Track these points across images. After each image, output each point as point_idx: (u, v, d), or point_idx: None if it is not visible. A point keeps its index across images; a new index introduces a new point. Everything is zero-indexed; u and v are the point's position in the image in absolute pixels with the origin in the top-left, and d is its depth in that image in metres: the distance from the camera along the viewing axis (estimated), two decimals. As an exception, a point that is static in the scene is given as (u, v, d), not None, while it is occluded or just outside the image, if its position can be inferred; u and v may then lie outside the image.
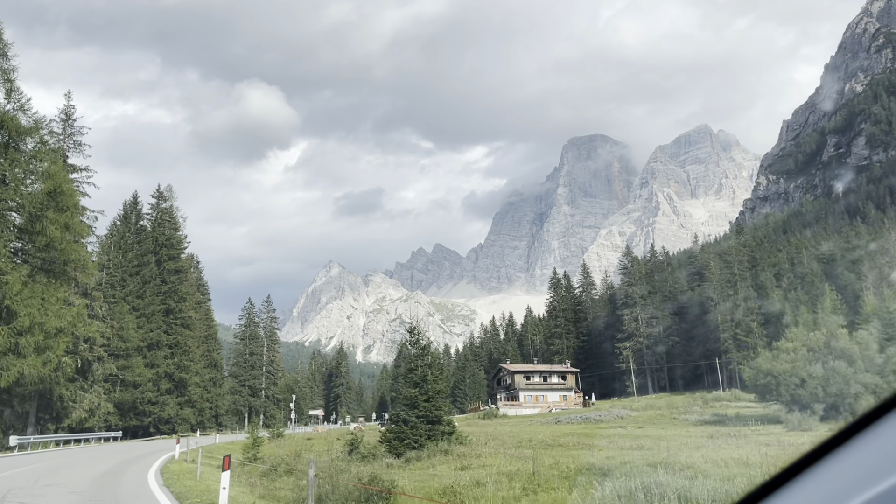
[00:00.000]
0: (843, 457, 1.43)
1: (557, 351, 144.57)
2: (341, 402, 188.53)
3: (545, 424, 53.41)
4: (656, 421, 51.96)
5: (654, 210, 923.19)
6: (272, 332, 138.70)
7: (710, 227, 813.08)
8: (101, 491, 18.29)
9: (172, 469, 25.80)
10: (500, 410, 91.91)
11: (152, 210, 76.24)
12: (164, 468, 26.20)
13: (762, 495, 1.38)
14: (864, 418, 1.41)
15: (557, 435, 38.72)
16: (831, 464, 1.45)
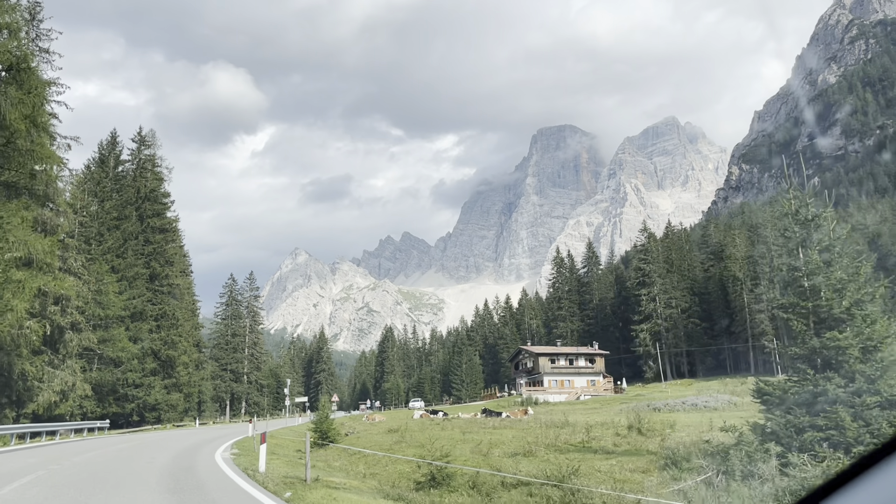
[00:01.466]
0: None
1: (560, 335, 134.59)
2: (322, 388, 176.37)
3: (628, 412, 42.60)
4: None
5: (622, 201, 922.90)
6: (255, 312, 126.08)
7: (677, 218, 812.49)
8: None
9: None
10: (525, 396, 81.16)
11: (132, 157, 63.54)
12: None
13: (823, 495, 1.40)
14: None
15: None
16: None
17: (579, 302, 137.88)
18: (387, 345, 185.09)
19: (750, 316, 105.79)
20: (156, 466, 17.67)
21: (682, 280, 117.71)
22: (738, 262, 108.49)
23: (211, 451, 23.81)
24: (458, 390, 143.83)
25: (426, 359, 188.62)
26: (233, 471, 16.67)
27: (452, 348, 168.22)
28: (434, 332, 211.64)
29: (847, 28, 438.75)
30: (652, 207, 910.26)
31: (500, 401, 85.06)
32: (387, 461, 21.52)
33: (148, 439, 33.58)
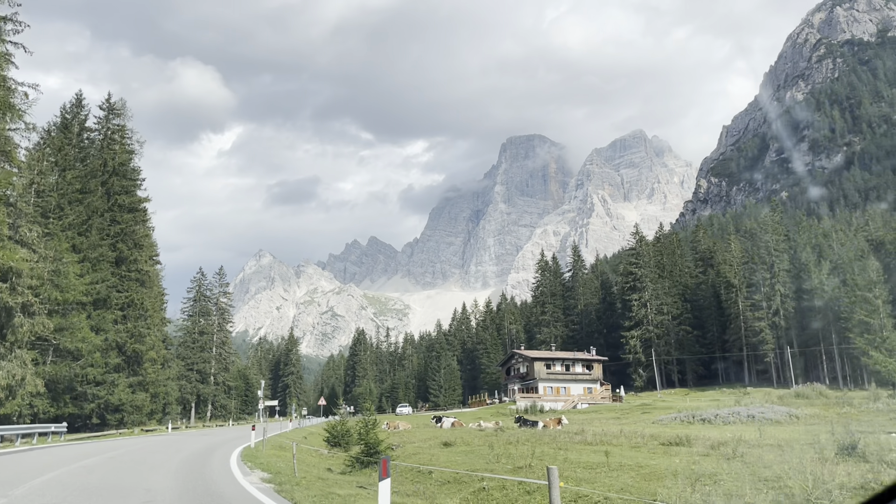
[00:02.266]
0: None
1: (544, 340, 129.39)
2: (290, 392, 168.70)
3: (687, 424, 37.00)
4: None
5: (589, 211, 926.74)
6: (224, 310, 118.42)
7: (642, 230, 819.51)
8: None
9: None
10: (524, 404, 75.43)
11: (100, 127, 56.25)
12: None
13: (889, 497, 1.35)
14: None
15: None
16: None
17: (564, 307, 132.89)
18: (359, 348, 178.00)
19: (745, 324, 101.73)
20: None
21: (674, 286, 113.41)
22: (733, 269, 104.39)
23: (236, 473, 17.42)
24: (436, 396, 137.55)
25: (399, 363, 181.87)
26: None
27: (429, 353, 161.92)
28: (408, 335, 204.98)
29: (815, 47, 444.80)
30: (618, 219, 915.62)
31: (492, 408, 79.18)
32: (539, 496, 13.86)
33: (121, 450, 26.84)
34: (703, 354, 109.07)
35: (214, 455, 22.79)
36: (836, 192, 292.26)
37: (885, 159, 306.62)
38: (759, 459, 15.74)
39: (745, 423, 33.68)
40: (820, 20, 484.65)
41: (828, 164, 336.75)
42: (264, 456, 23.39)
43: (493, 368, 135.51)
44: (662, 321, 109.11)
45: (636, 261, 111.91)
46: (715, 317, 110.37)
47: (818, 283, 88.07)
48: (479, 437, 28.84)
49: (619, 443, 22.13)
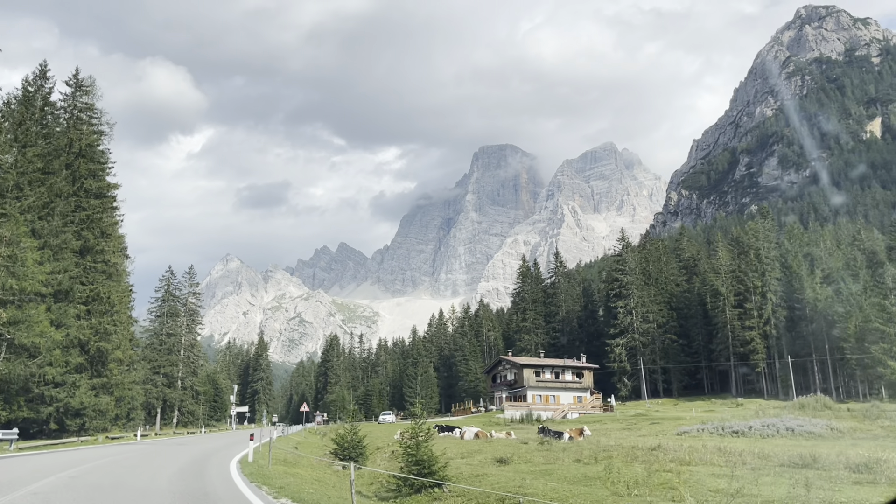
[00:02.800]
0: None
1: (525, 348, 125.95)
2: (259, 398, 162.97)
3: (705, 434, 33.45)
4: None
5: (559, 222, 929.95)
6: (194, 311, 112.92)
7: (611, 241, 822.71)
8: None
9: None
10: (520, 413, 71.59)
11: (66, 104, 51.29)
12: None
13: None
14: None
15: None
16: None
17: (545, 314, 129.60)
18: (331, 353, 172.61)
19: (733, 333, 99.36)
20: None
21: (660, 293, 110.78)
22: (721, 277, 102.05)
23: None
24: (412, 404, 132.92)
25: (373, 370, 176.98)
26: None
27: (404, 359, 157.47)
28: (382, 342, 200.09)
29: (784, 64, 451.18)
30: (588, 230, 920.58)
31: (479, 417, 75.23)
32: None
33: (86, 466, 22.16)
34: (690, 364, 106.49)
35: (210, 472, 18.65)
36: (806, 206, 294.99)
37: (853, 175, 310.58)
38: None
39: (788, 437, 30.30)
40: (789, 38, 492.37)
41: (797, 179, 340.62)
42: (276, 475, 19.14)
43: (471, 376, 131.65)
44: (648, 329, 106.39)
45: (622, 267, 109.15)
46: (701, 326, 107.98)
47: (811, 293, 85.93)
48: (526, 451, 24.87)
49: (712, 461, 18.43)
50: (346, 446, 23.52)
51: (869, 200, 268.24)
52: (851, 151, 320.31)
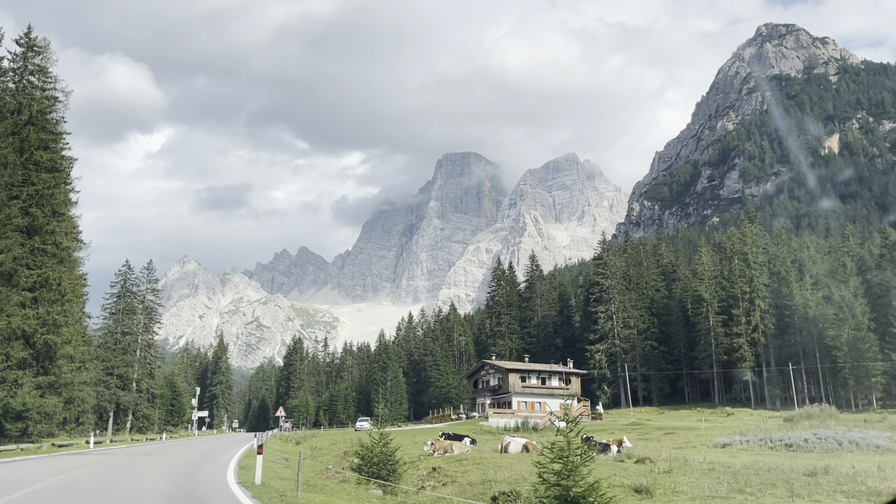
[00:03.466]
0: None
1: (500, 353, 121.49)
2: (218, 403, 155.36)
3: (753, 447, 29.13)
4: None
5: (521, 231, 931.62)
6: (152, 309, 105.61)
7: (571, 251, 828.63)
8: None
9: None
10: (490, 420, 66.87)
11: (14, 65, 45.02)
12: None
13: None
14: None
15: None
16: None
17: (520, 318, 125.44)
18: (294, 357, 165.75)
19: (716, 340, 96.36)
20: None
21: (641, 299, 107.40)
22: (705, 282, 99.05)
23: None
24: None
25: (338, 374, 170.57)
26: None
27: (372, 364, 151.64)
28: (347, 346, 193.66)
29: (745, 80, 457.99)
30: (549, 239, 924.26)
31: (460, 425, 70.25)
32: None
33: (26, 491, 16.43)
34: (671, 372, 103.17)
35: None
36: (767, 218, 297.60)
37: (813, 189, 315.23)
38: None
39: (866, 452, 26.13)
40: (750, 54, 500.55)
41: (757, 192, 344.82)
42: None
43: (442, 381, 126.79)
44: (629, 335, 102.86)
45: (603, 271, 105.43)
46: (682, 333, 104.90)
47: (800, 299, 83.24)
48: (624, 471, 19.93)
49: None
50: (375, 461, 18.34)
51: (830, 213, 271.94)
52: (811, 166, 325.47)
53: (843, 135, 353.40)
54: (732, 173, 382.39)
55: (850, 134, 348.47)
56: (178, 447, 41.96)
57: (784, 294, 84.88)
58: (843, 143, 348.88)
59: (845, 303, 76.53)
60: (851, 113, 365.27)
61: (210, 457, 30.58)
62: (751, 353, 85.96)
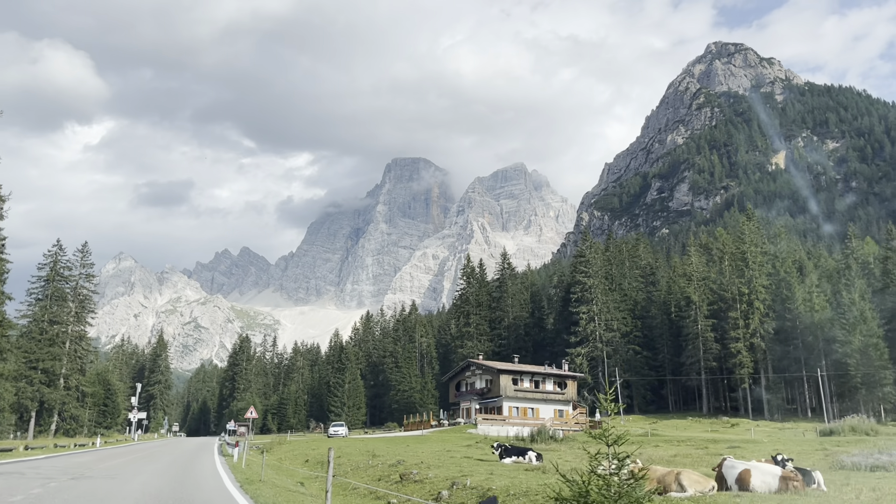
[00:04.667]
0: None
1: (468, 355, 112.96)
2: (156, 404, 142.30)
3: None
4: None
5: (468, 238, 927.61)
6: (86, 298, 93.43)
7: (517, 259, 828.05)
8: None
9: None
10: (479, 427, 58.19)
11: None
12: None
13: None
14: None
15: None
16: None
17: (490, 319, 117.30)
18: (240, 357, 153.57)
19: (704, 346, 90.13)
20: None
21: (624, 300, 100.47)
22: (694, 284, 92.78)
23: None
24: (338, 415, 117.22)
25: (287, 376, 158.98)
26: None
27: (326, 365, 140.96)
28: (299, 346, 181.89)
29: (695, 95, 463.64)
30: (495, 247, 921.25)
31: (446, 432, 61.21)
32: None
33: None
34: (654, 378, 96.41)
35: None
36: (713, 230, 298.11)
37: (763, 204, 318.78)
38: None
39: None
40: (700, 71, 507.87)
41: (706, 205, 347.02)
42: None
43: (405, 385, 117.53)
44: (612, 338, 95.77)
45: (585, 269, 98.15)
46: (667, 337, 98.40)
47: (803, 302, 77.33)
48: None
49: None
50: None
51: (781, 226, 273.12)
52: (759, 181, 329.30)
53: (789, 152, 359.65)
54: (682, 186, 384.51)
55: (796, 151, 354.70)
56: (122, 459, 31.85)
57: (785, 296, 78.92)
58: (789, 160, 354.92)
59: (856, 306, 70.89)
60: (797, 131, 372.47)
61: (186, 481, 20.93)
62: (749, 358, 79.58)
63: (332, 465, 13.56)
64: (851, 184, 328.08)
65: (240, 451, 29.05)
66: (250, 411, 43.58)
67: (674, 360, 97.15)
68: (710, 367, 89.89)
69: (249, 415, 43.06)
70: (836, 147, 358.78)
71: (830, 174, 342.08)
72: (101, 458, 33.68)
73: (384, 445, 43.03)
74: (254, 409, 43.64)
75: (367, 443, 44.67)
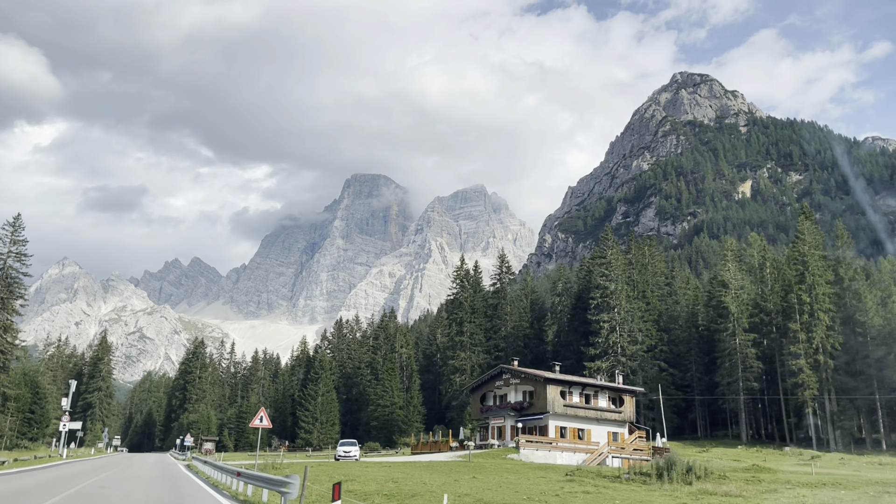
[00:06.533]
0: None
1: (460, 368, 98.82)
2: (94, 414, 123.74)
3: None
4: None
5: (426, 257, 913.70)
6: (14, 281, 76.39)
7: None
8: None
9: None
10: (523, 451, 44.02)
11: None
12: None
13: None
14: None
15: None
16: None
17: (486, 328, 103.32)
18: (194, 364, 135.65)
19: (743, 363, 77.82)
20: None
21: (649, 310, 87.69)
22: (732, 293, 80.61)
23: None
24: (309, 432, 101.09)
25: (246, 387, 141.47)
26: None
27: (292, 376, 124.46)
28: (261, 355, 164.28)
29: (661, 123, 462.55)
30: (453, 267, 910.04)
31: (479, 456, 46.62)
32: None
33: None
34: (681, 398, 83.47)
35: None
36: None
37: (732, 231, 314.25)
38: None
39: None
40: (666, 99, 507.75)
41: (673, 231, 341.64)
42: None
43: (386, 400, 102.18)
44: (636, 352, 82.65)
45: (607, 272, 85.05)
46: (696, 352, 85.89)
47: (876, 314, 65.49)
48: None
49: None
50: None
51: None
52: (727, 208, 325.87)
53: (755, 182, 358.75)
54: (648, 211, 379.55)
55: (761, 182, 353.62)
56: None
57: (856, 307, 67.12)
58: (754, 190, 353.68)
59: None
60: (762, 162, 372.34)
61: None
62: (814, 378, 67.11)
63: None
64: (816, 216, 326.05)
65: (299, 491, 14.52)
66: (259, 416, 27.61)
67: (703, 378, 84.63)
68: (749, 388, 77.51)
69: (259, 423, 27.41)
70: (799, 179, 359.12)
71: (794, 206, 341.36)
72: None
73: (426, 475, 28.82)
74: (265, 415, 27.79)
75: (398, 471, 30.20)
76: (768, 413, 76.84)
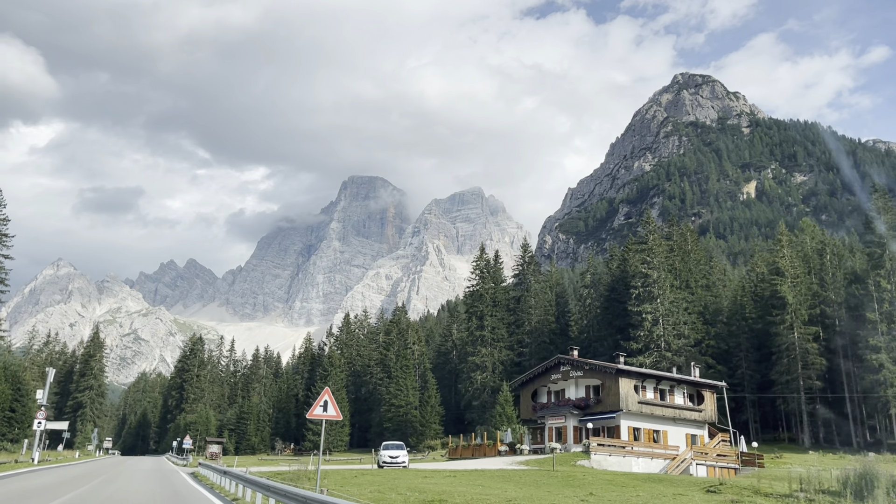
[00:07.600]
0: None
1: (481, 365, 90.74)
2: (85, 414, 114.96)
3: None
4: None
5: (423, 259, 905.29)
6: (-6, 264, 67.73)
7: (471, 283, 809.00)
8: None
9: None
10: (594, 456, 35.88)
11: None
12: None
13: None
14: None
15: None
16: None
17: (509, 322, 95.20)
18: (192, 362, 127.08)
19: (804, 360, 69.87)
20: None
21: (693, 301, 79.70)
22: (788, 282, 72.59)
23: None
24: (316, 434, 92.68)
25: (246, 387, 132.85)
26: None
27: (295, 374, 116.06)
28: (262, 353, 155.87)
29: (663, 124, 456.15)
30: (450, 270, 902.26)
31: (546, 462, 38.50)
32: None
33: None
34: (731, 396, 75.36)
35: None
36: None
37: (738, 231, 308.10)
38: None
39: None
40: (667, 100, 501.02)
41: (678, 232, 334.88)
42: None
43: (400, 399, 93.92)
44: (682, 347, 74.55)
45: (649, 259, 77.05)
46: (746, 348, 77.87)
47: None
48: None
49: None
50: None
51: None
52: (733, 209, 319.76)
53: (759, 183, 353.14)
54: (651, 211, 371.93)
55: (765, 182, 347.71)
56: None
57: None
58: (759, 191, 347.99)
59: None
60: (766, 163, 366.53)
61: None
62: (894, 374, 59.11)
63: None
64: (821, 216, 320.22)
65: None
66: (323, 398, 17.84)
67: (754, 376, 76.58)
68: (810, 387, 69.50)
69: (321, 411, 17.86)
70: (804, 180, 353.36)
71: (800, 207, 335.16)
72: None
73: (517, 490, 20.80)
74: (331, 400, 18.29)
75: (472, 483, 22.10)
76: (833, 414, 68.77)
